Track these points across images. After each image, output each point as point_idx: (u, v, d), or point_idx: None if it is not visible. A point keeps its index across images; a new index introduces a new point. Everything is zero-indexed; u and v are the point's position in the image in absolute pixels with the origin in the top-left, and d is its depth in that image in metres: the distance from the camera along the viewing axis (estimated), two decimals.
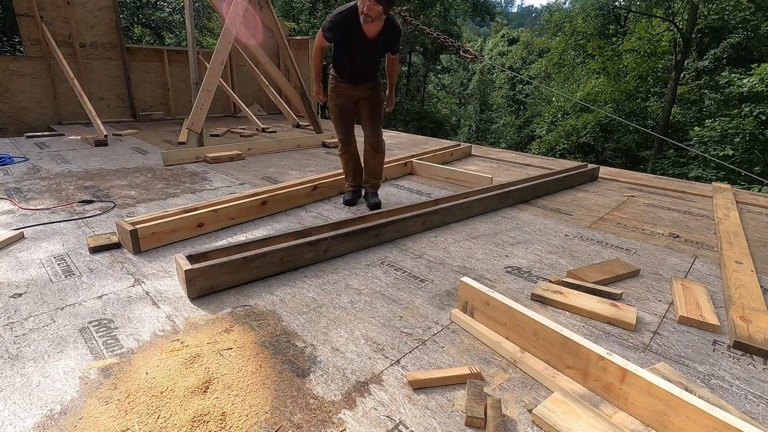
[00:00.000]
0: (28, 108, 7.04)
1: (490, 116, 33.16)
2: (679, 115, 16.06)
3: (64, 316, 1.84)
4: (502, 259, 2.52)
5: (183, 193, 3.69)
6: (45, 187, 3.71)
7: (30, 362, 1.56)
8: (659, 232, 3.06)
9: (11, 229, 2.73)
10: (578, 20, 18.01)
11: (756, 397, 1.49)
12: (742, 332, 1.76)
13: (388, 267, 2.39)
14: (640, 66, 16.13)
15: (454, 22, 23.40)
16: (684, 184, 4.61)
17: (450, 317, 1.90)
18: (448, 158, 5.28)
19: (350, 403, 1.40)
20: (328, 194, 3.67)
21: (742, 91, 10.54)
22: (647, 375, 1.30)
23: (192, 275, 1.96)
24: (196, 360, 1.58)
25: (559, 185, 4.04)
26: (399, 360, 1.61)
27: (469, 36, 43.00)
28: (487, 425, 1.30)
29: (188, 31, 5.37)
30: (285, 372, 1.53)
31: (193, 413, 1.33)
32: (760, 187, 8.50)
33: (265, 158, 5.16)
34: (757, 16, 13.04)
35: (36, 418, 1.31)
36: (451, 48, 4.89)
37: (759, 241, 2.96)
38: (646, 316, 1.95)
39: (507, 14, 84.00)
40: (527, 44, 31.89)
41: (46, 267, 2.29)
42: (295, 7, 19.82)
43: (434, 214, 2.96)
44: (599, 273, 2.29)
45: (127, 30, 14.06)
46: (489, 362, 1.62)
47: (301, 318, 1.87)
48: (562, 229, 3.05)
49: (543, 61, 22.40)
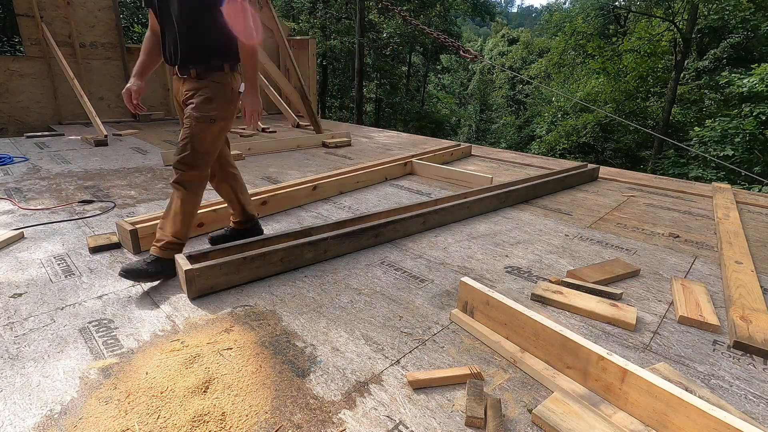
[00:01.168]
0: (28, 108, 7.03)
1: (490, 116, 33.17)
2: (679, 115, 16.06)
3: (64, 316, 1.84)
4: (502, 259, 2.52)
5: None
6: (45, 187, 3.71)
7: (30, 362, 1.56)
8: (659, 232, 3.06)
9: (11, 229, 2.73)
10: (578, 20, 18.02)
11: (756, 397, 1.49)
12: (742, 332, 1.76)
13: (388, 267, 2.39)
14: (640, 66, 16.14)
15: (454, 22, 23.41)
16: (684, 184, 4.61)
17: (450, 317, 1.90)
18: (448, 158, 5.27)
19: (350, 403, 1.40)
20: (328, 194, 3.67)
21: (742, 91, 10.54)
22: (647, 375, 1.30)
23: (192, 275, 1.96)
24: (196, 360, 1.58)
25: (559, 185, 4.04)
26: (399, 360, 1.61)
27: (469, 36, 43.00)
28: (487, 425, 1.30)
29: None
30: (285, 372, 1.53)
31: (193, 413, 1.33)
32: (760, 187, 8.50)
33: (265, 158, 5.16)
34: (757, 16, 13.05)
35: (36, 418, 1.31)
36: (451, 48, 4.89)
37: (759, 241, 2.96)
38: (646, 316, 1.95)
39: (507, 14, 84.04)
40: (527, 44, 31.89)
41: (46, 267, 2.29)
42: (295, 7, 19.82)
43: (434, 214, 2.96)
44: (599, 273, 2.29)
45: (127, 30, 14.05)
46: (489, 362, 1.62)
47: (301, 318, 1.87)
48: (562, 229, 3.05)
49: (543, 61, 22.42)
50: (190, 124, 2.10)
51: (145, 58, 2.27)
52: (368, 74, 20.63)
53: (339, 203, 3.53)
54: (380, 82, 21.88)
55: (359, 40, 15.60)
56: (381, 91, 22.18)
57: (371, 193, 3.84)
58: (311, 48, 9.43)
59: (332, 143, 5.99)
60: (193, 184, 2.16)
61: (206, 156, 2.16)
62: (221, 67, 2.12)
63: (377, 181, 4.18)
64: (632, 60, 16.32)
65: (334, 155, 5.47)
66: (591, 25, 18.02)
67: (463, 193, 3.38)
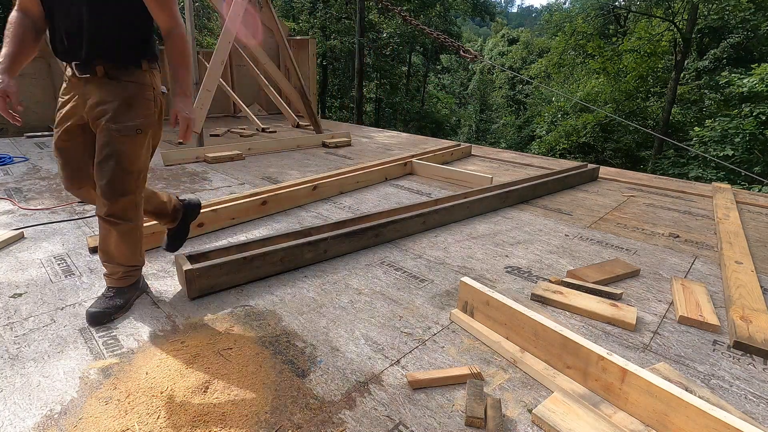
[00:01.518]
0: (28, 108, 7.02)
1: (490, 116, 33.18)
2: (679, 115, 16.07)
3: (64, 316, 1.84)
4: (502, 259, 2.52)
5: (183, 193, 3.69)
6: (45, 187, 3.71)
7: (30, 362, 1.56)
8: (659, 232, 3.06)
9: (11, 229, 2.73)
10: (578, 20, 18.01)
11: (756, 397, 1.49)
12: (742, 332, 1.76)
13: (388, 267, 2.39)
14: (640, 66, 16.14)
15: (454, 22, 23.43)
16: (684, 184, 4.61)
17: (450, 317, 1.90)
18: (448, 158, 5.27)
19: (350, 403, 1.40)
20: (328, 194, 3.67)
21: (742, 91, 10.54)
22: (647, 375, 1.30)
23: (192, 275, 1.96)
24: (196, 360, 1.58)
25: (559, 185, 4.04)
26: (399, 360, 1.61)
27: (469, 36, 43.01)
28: (487, 425, 1.30)
29: (188, 31, 5.37)
30: (285, 372, 1.53)
31: (193, 413, 1.33)
32: (760, 187, 8.50)
33: (265, 158, 5.16)
34: (757, 16, 13.05)
35: (36, 418, 1.31)
36: (451, 48, 4.89)
37: (759, 241, 2.96)
38: (646, 316, 1.95)
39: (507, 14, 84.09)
40: (527, 44, 31.91)
41: (46, 267, 2.29)
42: (295, 7, 19.83)
43: (434, 214, 2.96)
44: (599, 273, 2.29)
45: None
46: (489, 362, 1.62)
47: (301, 318, 1.87)
48: (562, 229, 3.05)
49: (543, 61, 22.41)
50: (108, 140, 1.66)
51: (15, 49, 1.62)
52: (368, 74, 20.63)
53: (339, 203, 3.53)
54: (380, 82, 21.89)
55: (359, 40, 15.60)
56: (381, 91, 22.19)
57: (371, 193, 3.84)
58: (311, 48, 9.43)
59: (332, 143, 5.99)
60: (129, 212, 1.76)
61: (139, 175, 1.76)
62: (138, 63, 1.69)
63: (377, 181, 4.18)
64: (632, 60, 16.32)
65: (334, 155, 5.47)
66: (591, 25, 18.01)
67: (463, 193, 3.38)
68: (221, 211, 2.85)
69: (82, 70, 1.63)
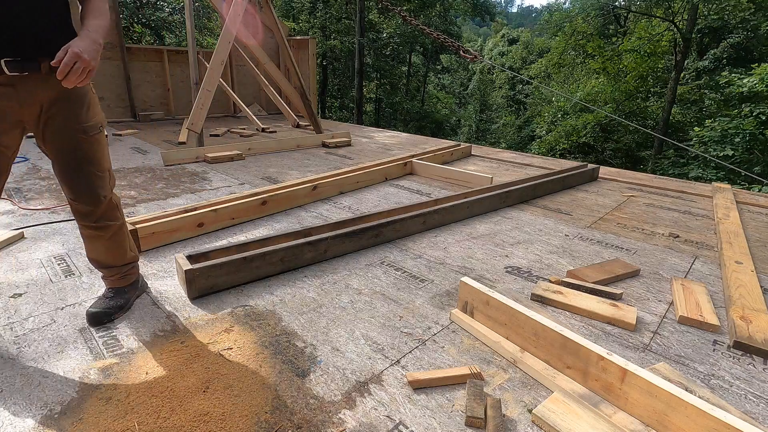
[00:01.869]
0: None
1: (490, 116, 33.18)
2: (679, 115, 16.07)
3: (64, 316, 1.84)
4: (502, 259, 2.52)
5: (183, 193, 3.69)
6: (45, 187, 3.71)
7: (30, 362, 1.56)
8: (659, 232, 3.06)
9: (11, 229, 2.73)
10: (578, 20, 18.02)
11: (756, 397, 1.49)
12: (742, 332, 1.76)
13: (388, 267, 2.39)
14: (640, 66, 16.15)
15: (454, 22, 23.43)
16: (684, 184, 4.61)
17: (450, 317, 1.90)
18: (448, 158, 5.27)
19: (350, 403, 1.40)
20: (328, 194, 3.67)
21: (742, 91, 10.54)
22: (647, 375, 1.30)
23: (192, 275, 1.96)
24: (196, 360, 1.58)
25: (559, 185, 4.04)
26: (399, 360, 1.61)
27: (469, 36, 43.02)
28: (487, 425, 1.30)
29: (188, 31, 5.37)
30: (285, 372, 1.53)
31: (193, 413, 1.33)
32: (760, 187, 8.49)
33: (265, 158, 5.16)
34: (757, 16, 13.05)
35: (36, 419, 1.31)
36: (451, 48, 4.89)
37: (759, 241, 2.96)
38: (646, 316, 1.95)
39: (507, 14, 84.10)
40: (527, 44, 31.91)
41: (46, 267, 2.29)
42: (295, 7, 19.83)
43: (434, 214, 2.96)
44: (599, 273, 2.29)
45: (127, 30, 14.06)
46: (489, 362, 1.62)
47: (301, 318, 1.87)
48: (562, 229, 3.05)
49: (543, 61, 22.43)
50: (75, 144, 1.56)
51: None
52: (368, 74, 20.64)
53: (339, 203, 3.53)
54: (380, 82, 21.89)
55: (359, 40, 15.61)
56: (381, 91, 22.20)
57: (371, 193, 3.84)
58: (311, 48, 9.43)
59: (332, 143, 5.99)
60: (112, 211, 1.76)
61: (110, 174, 1.74)
62: None
63: (377, 181, 4.19)
64: (632, 60, 16.33)
65: (334, 155, 5.47)
66: (591, 25, 18.03)
67: (463, 193, 3.38)
68: (221, 211, 2.85)
69: (19, 69, 1.40)
